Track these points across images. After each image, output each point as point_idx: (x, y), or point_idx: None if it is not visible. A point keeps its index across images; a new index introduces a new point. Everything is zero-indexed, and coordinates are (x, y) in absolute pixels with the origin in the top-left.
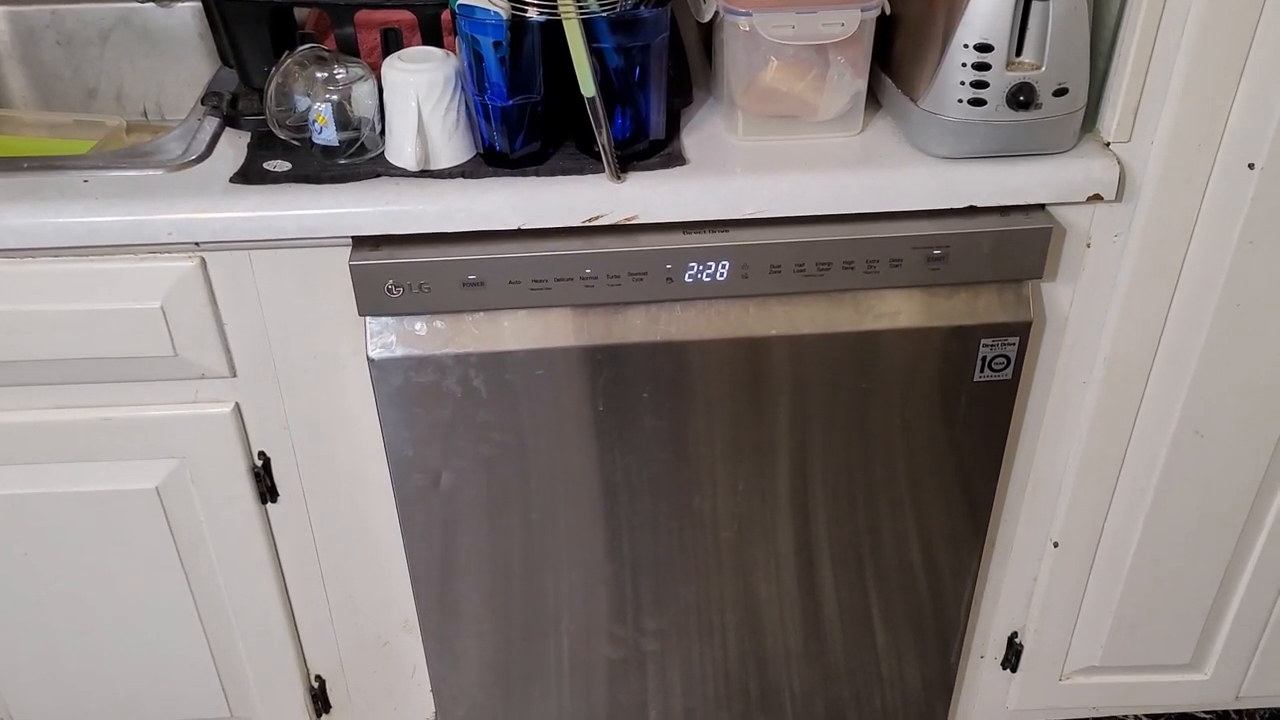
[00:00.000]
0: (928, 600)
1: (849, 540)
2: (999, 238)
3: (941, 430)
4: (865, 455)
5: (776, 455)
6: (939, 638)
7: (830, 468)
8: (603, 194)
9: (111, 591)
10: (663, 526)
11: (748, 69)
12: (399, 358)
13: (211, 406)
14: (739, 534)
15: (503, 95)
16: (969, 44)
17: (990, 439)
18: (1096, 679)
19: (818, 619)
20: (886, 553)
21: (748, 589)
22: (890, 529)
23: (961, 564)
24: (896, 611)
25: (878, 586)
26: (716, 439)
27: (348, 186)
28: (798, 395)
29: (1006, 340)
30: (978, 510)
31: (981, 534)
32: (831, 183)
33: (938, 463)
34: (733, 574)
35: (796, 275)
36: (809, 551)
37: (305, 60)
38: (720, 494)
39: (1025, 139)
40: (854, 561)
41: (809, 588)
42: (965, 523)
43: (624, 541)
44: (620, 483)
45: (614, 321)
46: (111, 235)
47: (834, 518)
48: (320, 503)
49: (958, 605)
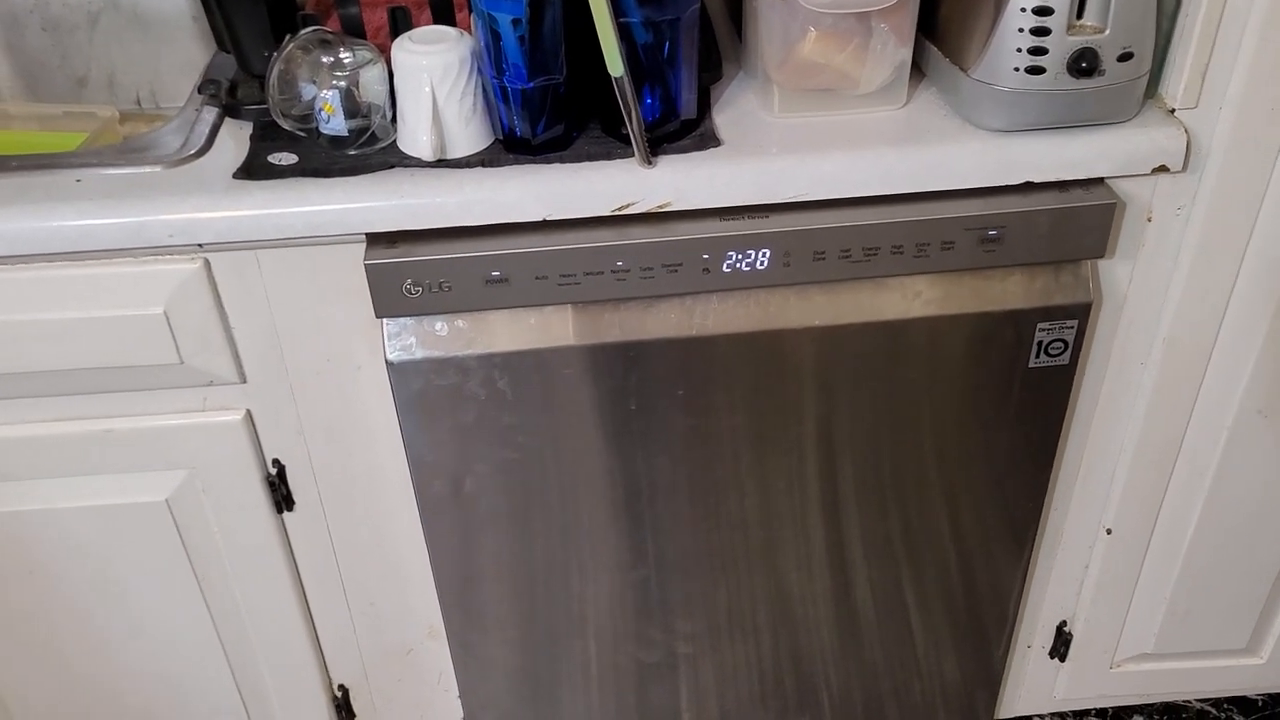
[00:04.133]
0: (976, 592)
1: (894, 535)
2: (1058, 215)
3: (994, 420)
4: (912, 447)
5: (817, 450)
6: (987, 630)
7: (875, 461)
8: (633, 180)
9: (123, 606)
10: (696, 526)
11: (784, 41)
12: (419, 360)
13: (221, 414)
14: (776, 532)
15: (523, 77)
16: (1026, 7)
17: (1045, 426)
18: (1148, 666)
19: (860, 615)
20: (933, 546)
21: (784, 587)
22: (937, 522)
23: (1012, 554)
24: (943, 605)
25: (924, 580)
26: (754, 435)
27: (359, 179)
28: (840, 387)
29: (1064, 324)
30: (1030, 499)
31: (1034, 523)
32: (877, 161)
33: (989, 453)
34: (769, 573)
35: (842, 262)
36: (851, 547)
37: (309, 44)
38: (757, 492)
39: (1086, 108)
40: (899, 556)
41: (850, 584)
42: (1017, 512)
43: (654, 542)
44: (652, 483)
45: (646, 316)
46: (108, 239)
47: (878, 512)
48: (338, 510)
49: (1008, 596)
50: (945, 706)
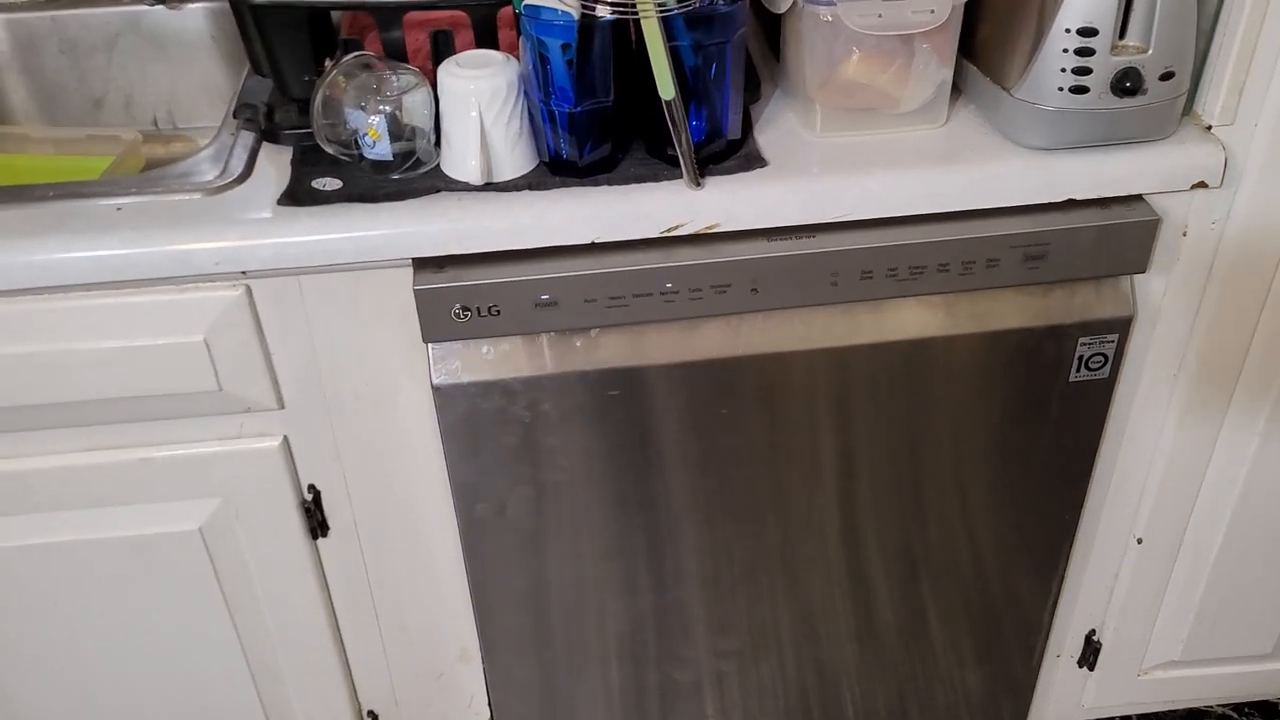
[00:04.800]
0: (1008, 604)
1: (929, 549)
2: (1101, 232)
3: (1032, 433)
4: (952, 462)
5: (858, 467)
6: (1017, 640)
7: (917, 475)
8: (681, 202)
9: (152, 634)
10: (737, 546)
11: (827, 62)
12: (465, 384)
13: (258, 441)
14: (815, 549)
15: (570, 100)
16: (1070, 28)
17: (1082, 440)
18: (1175, 673)
19: (890, 630)
20: (968, 558)
21: (824, 603)
22: (973, 535)
23: (1045, 567)
24: (974, 616)
25: (956, 593)
26: (797, 454)
27: (406, 204)
28: (883, 404)
29: (1105, 338)
30: (1065, 512)
31: (1068, 536)
32: (922, 180)
33: (1026, 466)
34: (808, 589)
35: (889, 280)
36: (887, 563)
37: (353, 69)
38: (798, 510)
39: (1127, 127)
40: (933, 569)
41: (884, 599)
42: (1052, 525)
43: (695, 563)
44: (695, 504)
45: (692, 336)
46: (152, 268)
47: (913, 526)
48: (373, 535)
49: (1040, 608)
50: (971, 717)
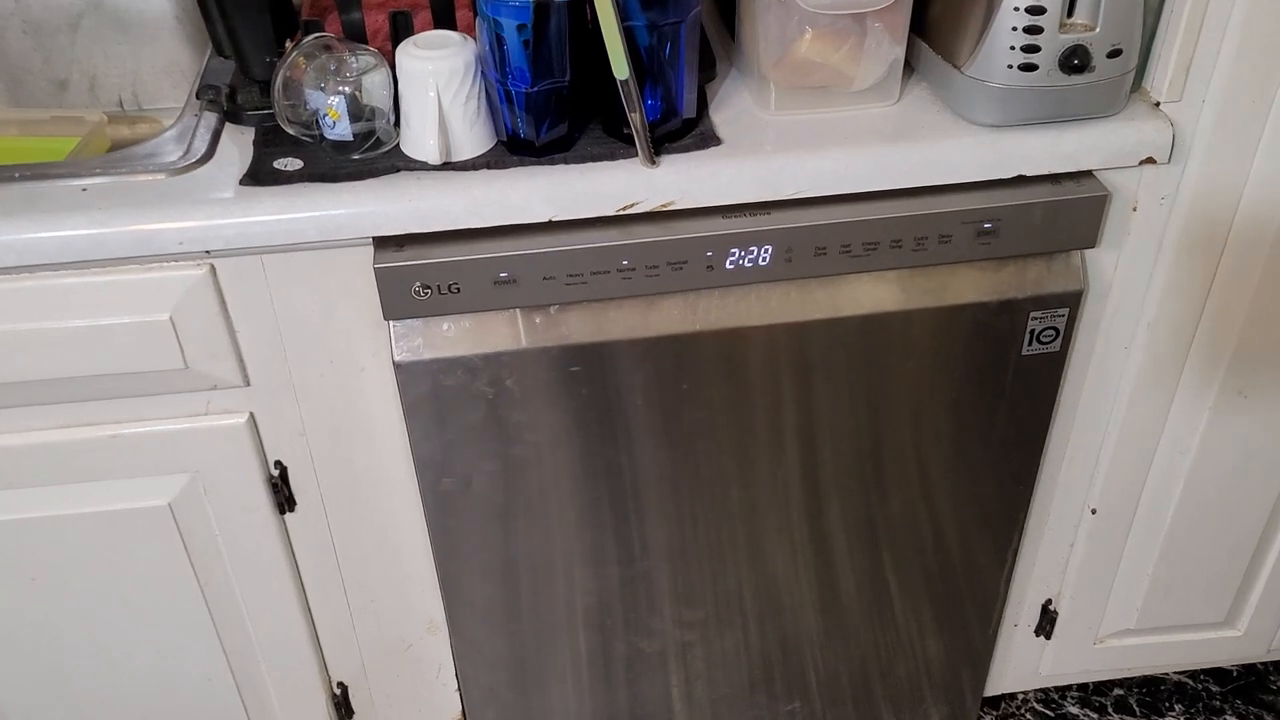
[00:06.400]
0: (965, 575)
1: (885, 521)
2: (1052, 208)
3: (986, 406)
4: (907, 435)
5: (818, 440)
6: (975, 611)
7: (871, 449)
8: (637, 180)
9: (124, 610)
10: (701, 518)
11: (780, 40)
12: (426, 361)
13: (225, 418)
14: (774, 522)
15: (527, 80)
16: (1019, 6)
17: (1035, 412)
18: (1130, 641)
19: (852, 601)
20: (923, 531)
21: (783, 575)
22: (928, 507)
23: (1001, 538)
24: (932, 588)
25: (913, 564)
26: (757, 428)
27: (366, 184)
28: (839, 379)
29: (1056, 312)
30: (1020, 483)
31: (1023, 506)
32: (875, 158)
33: (981, 438)
34: (768, 561)
35: (843, 256)
36: (846, 535)
37: (313, 50)
38: (760, 483)
39: (1076, 103)
40: (889, 541)
41: (844, 570)
42: (1006, 496)
43: (656, 535)
44: (656, 477)
45: (650, 312)
46: (118, 247)
47: (872, 499)
48: (340, 509)
49: (997, 578)
50: (932, 686)
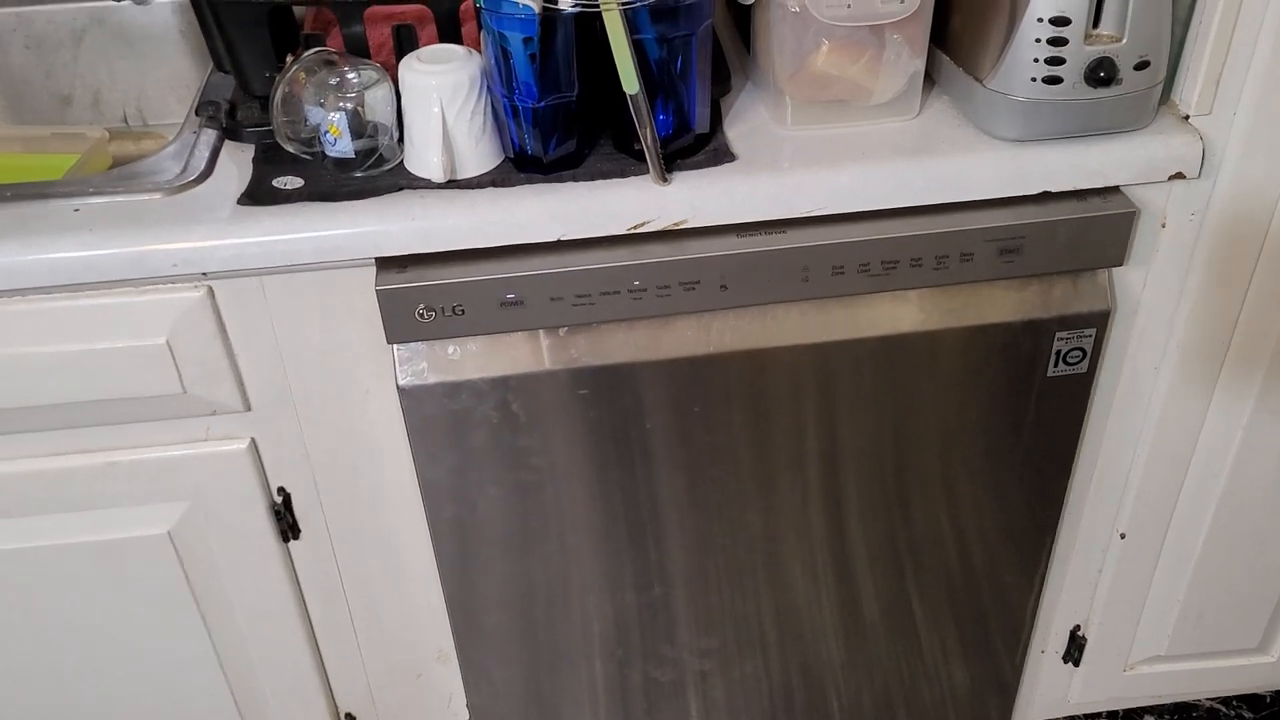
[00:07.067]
0: (991, 600)
1: (909, 545)
2: (1077, 225)
3: (1011, 429)
4: (930, 458)
5: (833, 462)
6: (1001, 637)
7: (893, 473)
8: (648, 198)
9: (124, 641)
10: (713, 544)
11: (796, 53)
12: (431, 385)
13: (225, 444)
14: (794, 547)
15: (534, 95)
16: (1043, 17)
17: (1063, 435)
18: (1161, 668)
19: (874, 627)
20: (949, 556)
21: (804, 602)
22: (955, 530)
23: (1028, 562)
24: (957, 614)
25: (938, 590)
26: (770, 451)
27: (368, 202)
28: (858, 401)
29: (1083, 332)
30: (1047, 507)
31: (1050, 531)
32: (894, 173)
33: (1007, 462)
34: (789, 587)
35: (861, 276)
36: (867, 558)
37: (313, 65)
38: (774, 506)
39: (1102, 117)
40: (914, 566)
41: (868, 596)
42: (1033, 520)
43: (668, 561)
44: (667, 501)
45: (662, 334)
46: (110, 270)
47: (895, 523)
48: (345, 536)
49: (1024, 603)
50: (958, 715)
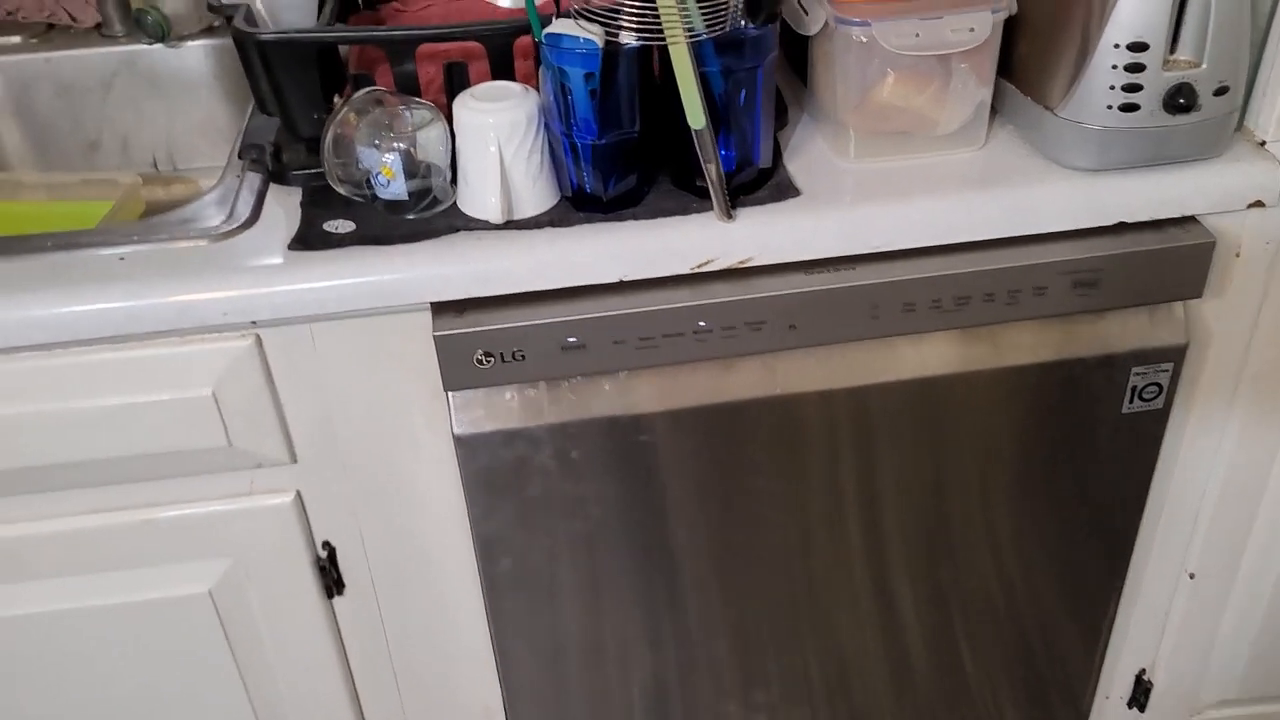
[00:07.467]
0: (1054, 646)
1: (975, 589)
2: (1154, 256)
3: (1083, 467)
4: (1000, 499)
5: (906, 504)
6: (1066, 684)
7: (964, 512)
8: (712, 236)
9: (160, 702)
10: (777, 592)
11: (861, 84)
12: (488, 433)
13: (270, 497)
14: (860, 591)
15: (594, 132)
16: (1119, 43)
17: (1135, 472)
18: (1230, 712)
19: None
20: (1017, 599)
21: (870, 649)
22: (1023, 573)
23: (1095, 606)
24: (1018, 661)
25: (1004, 637)
26: (840, 495)
27: (422, 245)
28: (930, 442)
29: (1159, 367)
30: (1116, 548)
31: (1121, 574)
32: (963, 206)
33: (1078, 500)
34: (855, 634)
35: (933, 312)
36: (934, 605)
37: (364, 105)
38: (841, 553)
39: (1179, 145)
40: (979, 610)
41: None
42: (1102, 562)
43: (733, 612)
44: (731, 551)
45: (726, 377)
46: (158, 320)
47: (963, 566)
48: (391, 591)
49: (1090, 649)
50: None
